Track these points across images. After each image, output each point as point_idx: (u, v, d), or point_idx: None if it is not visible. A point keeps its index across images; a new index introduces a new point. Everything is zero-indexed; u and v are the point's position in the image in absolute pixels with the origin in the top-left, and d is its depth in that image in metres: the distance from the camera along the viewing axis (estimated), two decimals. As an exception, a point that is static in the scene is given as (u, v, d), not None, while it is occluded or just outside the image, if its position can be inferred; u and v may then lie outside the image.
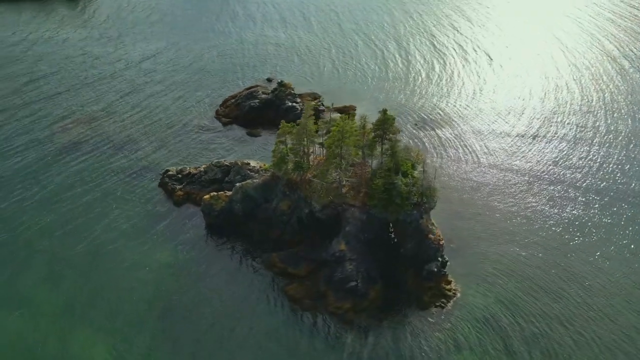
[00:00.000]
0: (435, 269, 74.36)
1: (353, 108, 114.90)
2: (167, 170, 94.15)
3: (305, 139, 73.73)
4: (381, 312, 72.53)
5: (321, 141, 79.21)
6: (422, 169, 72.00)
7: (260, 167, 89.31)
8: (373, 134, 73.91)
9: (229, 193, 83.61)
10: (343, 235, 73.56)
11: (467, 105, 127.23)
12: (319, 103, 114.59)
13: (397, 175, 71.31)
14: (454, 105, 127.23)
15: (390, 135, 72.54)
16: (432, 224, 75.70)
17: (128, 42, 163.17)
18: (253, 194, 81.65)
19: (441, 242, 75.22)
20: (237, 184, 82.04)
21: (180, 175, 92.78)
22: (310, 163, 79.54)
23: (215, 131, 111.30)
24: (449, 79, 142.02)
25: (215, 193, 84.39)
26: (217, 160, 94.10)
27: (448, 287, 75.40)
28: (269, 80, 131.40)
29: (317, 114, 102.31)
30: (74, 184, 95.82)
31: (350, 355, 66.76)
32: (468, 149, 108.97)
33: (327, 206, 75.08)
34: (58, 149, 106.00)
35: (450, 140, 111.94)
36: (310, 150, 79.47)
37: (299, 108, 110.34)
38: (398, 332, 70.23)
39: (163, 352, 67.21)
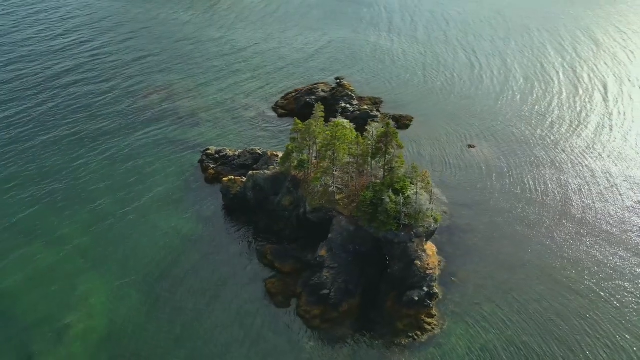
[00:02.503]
0: (417, 298, 69.48)
1: (410, 118, 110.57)
2: (207, 149, 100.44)
3: (308, 139, 73.54)
4: (348, 327, 70.21)
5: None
6: (416, 191, 67.28)
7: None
8: (374, 146, 70.76)
9: (244, 179, 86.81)
10: (326, 242, 72.24)
11: (551, 137, 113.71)
12: (372, 108, 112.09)
13: (388, 192, 67.73)
14: (536, 135, 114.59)
15: (392, 149, 68.92)
16: (424, 250, 70.61)
17: (239, 29, 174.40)
18: (262, 184, 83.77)
19: (428, 271, 69.95)
20: (250, 172, 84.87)
21: (217, 155, 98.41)
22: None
23: (268, 120, 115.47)
24: (544, 105, 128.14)
25: (232, 177, 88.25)
26: (251, 147, 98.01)
27: (429, 320, 70.09)
28: (337, 79, 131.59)
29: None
30: (133, 148, 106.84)
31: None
32: (524, 183, 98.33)
33: (318, 209, 74.24)
34: (134, 114, 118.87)
35: (508, 170, 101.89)
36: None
37: (352, 110, 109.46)
38: (355, 352, 67.41)
39: (147, 312, 72.43)
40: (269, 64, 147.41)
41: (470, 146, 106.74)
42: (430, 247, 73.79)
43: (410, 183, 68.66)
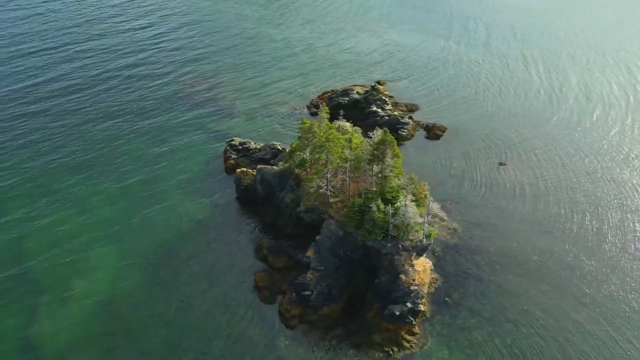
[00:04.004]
0: (398, 313, 66.85)
1: (442, 129, 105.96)
2: (232, 140, 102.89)
3: (310, 138, 73.06)
4: (324, 332, 69.11)
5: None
6: (405, 203, 64.42)
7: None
8: (371, 152, 68.63)
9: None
10: (314, 244, 71.49)
11: (601, 165, 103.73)
12: (403, 115, 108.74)
13: (377, 200, 65.58)
14: (584, 160, 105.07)
15: (388, 158, 66.57)
16: (412, 265, 67.66)
17: (301, 28, 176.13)
18: (270, 179, 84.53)
19: (413, 287, 66.95)
20: (259, 166, 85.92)
21: (240, 147, 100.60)
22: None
23: (299, 118, 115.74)
24: (603, 130, 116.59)
25: (245, 169, 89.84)
26: (272, 142, 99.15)
27: (409, 337, 67.17)
28: (379, 82, 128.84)
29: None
30: (169, 134, 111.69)
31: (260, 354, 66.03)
32: (554, 210, 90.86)
33: (311, 210, 73.57)
34: (179, 103, 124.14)
35: (538, 194, 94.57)
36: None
37: (382, 114, 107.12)
38: (326, 357, 66.12)
39: (146, 292, 75.50)
40: (320, 64, 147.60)
41: (501, 164, 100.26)
42: (422, 262, 70.62)
43: (405, 194, 66.04)
